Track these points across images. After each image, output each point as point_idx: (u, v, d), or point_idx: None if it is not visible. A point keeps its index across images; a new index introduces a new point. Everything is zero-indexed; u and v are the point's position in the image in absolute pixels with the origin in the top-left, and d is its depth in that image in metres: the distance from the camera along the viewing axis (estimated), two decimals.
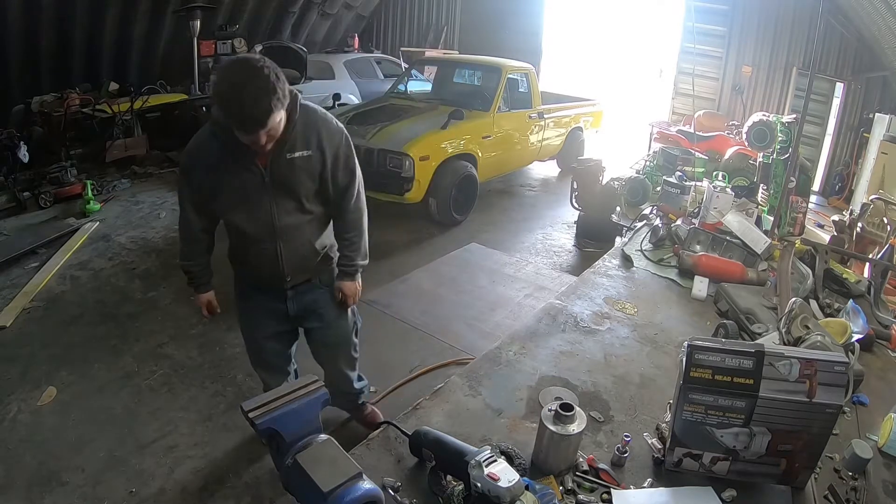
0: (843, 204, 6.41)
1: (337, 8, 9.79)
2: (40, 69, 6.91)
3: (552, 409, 1.08)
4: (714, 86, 8.23)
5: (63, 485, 2.12)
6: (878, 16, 5.38)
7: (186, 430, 2.44)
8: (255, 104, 1.42)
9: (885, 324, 1.79)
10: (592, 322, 1.72)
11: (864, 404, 1.41)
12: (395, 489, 1.03)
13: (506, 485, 0.90)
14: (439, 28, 10.40)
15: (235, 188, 1.67)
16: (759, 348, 1.01)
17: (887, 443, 1.23)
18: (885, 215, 3.66)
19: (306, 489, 0.88)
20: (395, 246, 4.60)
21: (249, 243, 1.79)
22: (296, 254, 1.83)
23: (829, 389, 0.99)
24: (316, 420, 0.98)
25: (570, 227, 5.12)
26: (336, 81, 7.52)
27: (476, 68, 6.25)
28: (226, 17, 8.61)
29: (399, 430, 1.15)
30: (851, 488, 1.12)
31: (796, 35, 7.44)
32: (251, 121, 1.44)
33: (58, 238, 4.29)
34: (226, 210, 1.74)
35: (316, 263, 1.91)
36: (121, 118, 6.08)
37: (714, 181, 2.77)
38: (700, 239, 2.28)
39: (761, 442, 1.04)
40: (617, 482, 1.08)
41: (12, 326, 3.15)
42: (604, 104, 7.69)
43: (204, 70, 8.12)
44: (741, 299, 1.78)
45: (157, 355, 2.97)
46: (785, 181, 2.59)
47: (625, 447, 1.14)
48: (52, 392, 2.62)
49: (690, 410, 1.04)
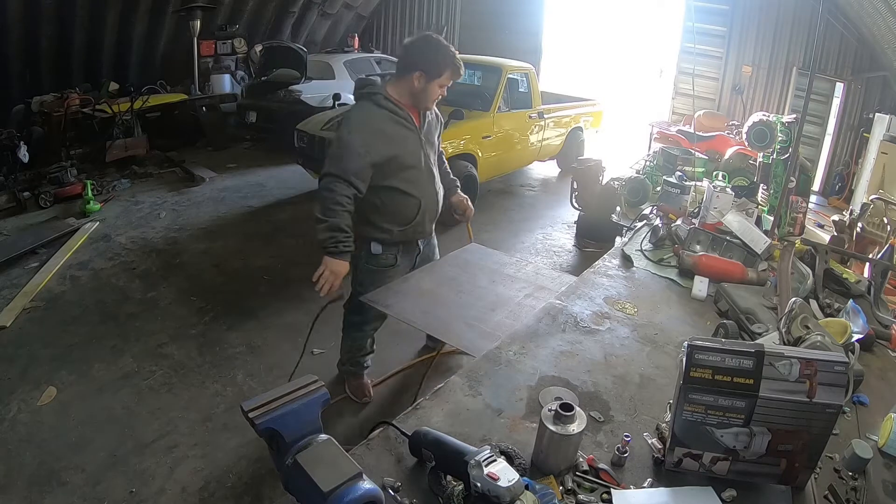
0: (843, 204, 6.41)
1: (337, 8, 9.79)
2: (40, 69, 6.90)
3: (552, 409, 1.08)
4: (714, 86, 8.23)
5: (63, 485, 2.12)
6: (878, 16, 5.38)
7: (186, 430, 2.44)
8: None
9: (885, 324, 1.79)
10: (592, 322, 1.72)
11: (864, 404, 1.41)
12: (395, 489, 1.03)
13: (506, 484, 0.90)
14: (439, 28, 10.40)
15: (406, 150, 2.10)
16: (759, 348, 1.01)
17: (887, 443, 1.23)
18: (885, 215, 3.66)
19: (306, 489, 0.88)
20: None
21: (406, 198, 2.15)
22: (436, 204, 2.29)
23: (829, 389, 0.99)
24: (316, 420, 0.98)
25: (570, 227, 5.12)
26: (336, 81, 7.51)
27: (476, 68, 6.24)
28: (226, 17, 8.61)
29: (399, 431, 1.15)
30: (851, 488, 1.12)
31: (796, 35, 7.44)
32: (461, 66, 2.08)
33: (58, 238, 4.29)
34: (396, 170, 2.09)
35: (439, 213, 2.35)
36: (121, 118, 6.08)
37: (714, 181, 2.77)
38: (700, 239, 2.28)
39: (761, 442, 1.04)
40: (617, 482, 1.08)
41: (12, 326, 3.15)
42: (604, 104, 7.68)
43: (204, 70, 8.12)
44: (741, 299, 1.78)
45: (157, 355, 2.97)
46: (785, 181, 2.59)
47: (625, 447, 1.14)
48: (52, 392, 2.63)
49: (690, 410, 1.04)
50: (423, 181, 2.19)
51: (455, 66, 2.05)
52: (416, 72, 2.03)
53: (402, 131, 2.09)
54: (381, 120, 2.05)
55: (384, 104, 2.06)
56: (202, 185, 5.87)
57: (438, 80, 2.05)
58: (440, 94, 2.11)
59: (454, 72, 2.07)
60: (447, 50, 2.05)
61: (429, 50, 2.03)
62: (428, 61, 2.03)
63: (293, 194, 5.81)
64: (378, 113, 2.06)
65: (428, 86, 2.05)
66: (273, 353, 3.04)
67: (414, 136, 2.12)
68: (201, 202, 5.40)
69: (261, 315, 3.42)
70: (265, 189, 5.92)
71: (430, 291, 2.04)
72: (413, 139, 2.12)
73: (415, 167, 2.15)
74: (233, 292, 3.70)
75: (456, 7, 10.20)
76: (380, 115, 2.05)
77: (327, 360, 3.00)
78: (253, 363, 2.95)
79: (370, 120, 2.05)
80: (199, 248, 4.37)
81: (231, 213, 5.20)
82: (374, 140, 2.02)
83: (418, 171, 2.16)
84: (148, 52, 7.91)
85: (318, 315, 2.12)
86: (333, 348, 3.12)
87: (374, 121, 2.05)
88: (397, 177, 2.11)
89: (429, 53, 2.03)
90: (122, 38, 7.47)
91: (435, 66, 2.03)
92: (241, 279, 3.90)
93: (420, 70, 2.03)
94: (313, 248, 2.03)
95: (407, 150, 2.11)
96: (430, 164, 2.23)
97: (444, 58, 2.03)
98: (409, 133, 2.10)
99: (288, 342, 3.15)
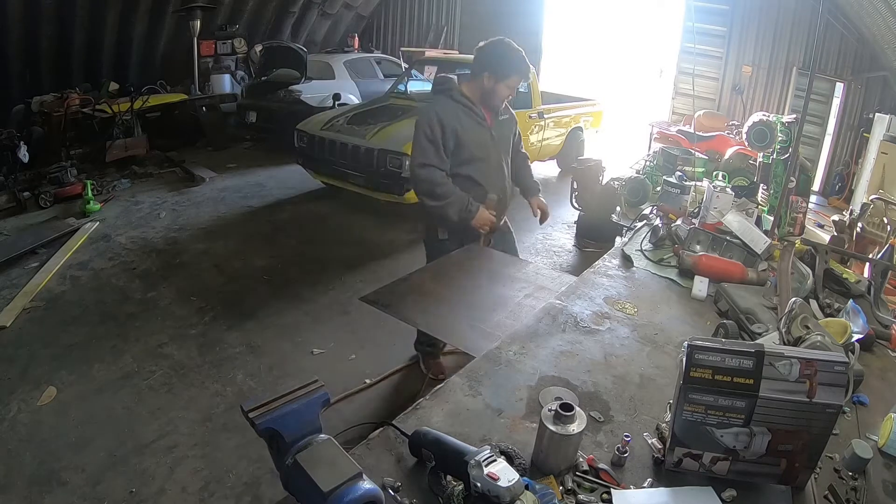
0: (843, 204, 6.41)
1: (337, 8, 9.79)
2: (40, 69, 6.91)
3: (552, 409, 1.08)
4: (714, 86, 8.23)
5: (63, 485, 2.12)
6: (878, 16, 5.38)
7: (186, 430, 2.44)
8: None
9: (885, 324, 1.78)
10: (592, 322, 1.72)
11: (864, 404, 1.41)
12: (395, 489, 1.03)
13: (506, 484, 0.90)
14: (439, 28, 10.41)
15: (475, 142, 2.27)
16: (759, 348, 1.01)
17: (887, 443, 1.23)
18: (885, 215, 3.66)
19: (306, 489, 0.88)
20: (395, 246, 4.60)
21: (474, 187, 2.29)
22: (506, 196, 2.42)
23: (829, 389, 0.99)
24: (316, 420, 0.98)
25: (570, 227, 5.12)
26: (336, 81, 7.52)
27: None
28: (226, 17, 8.62)
29: (399, 431, 1.15)
30: (851, 488, 1.12)
31: (796, 35, 7.44)
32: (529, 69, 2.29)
33: (58, 238, 4.29)
34: (466, 160, 2.28)
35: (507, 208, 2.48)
36: (121, 118, 6.08)
37: (714, 181, 2.77)
38: (700, 239, 2.27)
39: (761, 442, 1.03)
40: (617, 482, 1.08)
41: (12, 326, 3.15)
42: (604, 104, 7.68)
43: (204, 70, 8.13)
44: (741, 299, 1.78)
45: (157, 355, 2.97)
46: (785, 181, 2.59)
47: (625, 447, 1.14)
48: (52, 392, 2.62)
49: (690, 410, 1.04)
50: (491, 174, 2.36)
51: (521, 70, 2.24)
52: (486, 73, 2.22)
53: (473, 125, 2.27)
54: (455, 112, 2.25)
55: (458, 98, 2.27)
56: (202, 185, 5.87)
57: (506, 81, 2.24)
58: (509, 95, 2.30)
59: (521, 75, 2.27)
60: (516, 54, 2.22)
61: (498, 54, 2.22)
62: (496, 64, 2.21)
63: (293, 194, 5.81)
64: (452, 106, 2.26)
65: (496, 86, 2.24)
66: (273, 353, 3.04)
67: (484, 132, 2.30)
68: (201, 202, 5.41)
69: (261, 315, 3.42)
70: (265, 189, 5.92)
71: (431, 291, 2.04)
72: (483, 133, 2.30)
73: (483, 160, 2.32)
74: (233, 292, 3.70)
75: (456, 7, 10.20)
76: (454, 108, 2.26)
77: (327, 360, 3.01)
78: (253, 363, 2.95)
79: (445, 111, 2.25)
80: (199, 248, 4.37)
81: (231, 213, 5.20)
82: (446, 129, 2.22)
83: (487, 163, 2.33)
84: (148, 52, 7.91)
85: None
86: (333, 348, 3.12)
87: (448, 112, 2.24)
88: (467, 166, 2.30)
89: (498, 57, 2.21)
90: (122, 38, 7.48)
91: (503, 68, 2.21)
92: (241, 279, 3.90)
93: (489, 71, 2.22)
94: (314, 249, 2.03)
95: (476, 142, 2.29)
96: (500, 160, 2.40)
97: (511, 62, 2.21)
98: (479, 128, 2.29)
99: (288, 342, 3.15)
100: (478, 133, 2.28)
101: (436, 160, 2.23)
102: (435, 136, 2.21)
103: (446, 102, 2.28)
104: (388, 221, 5.07)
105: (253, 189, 5.88)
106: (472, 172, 2.31)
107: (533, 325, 1.68)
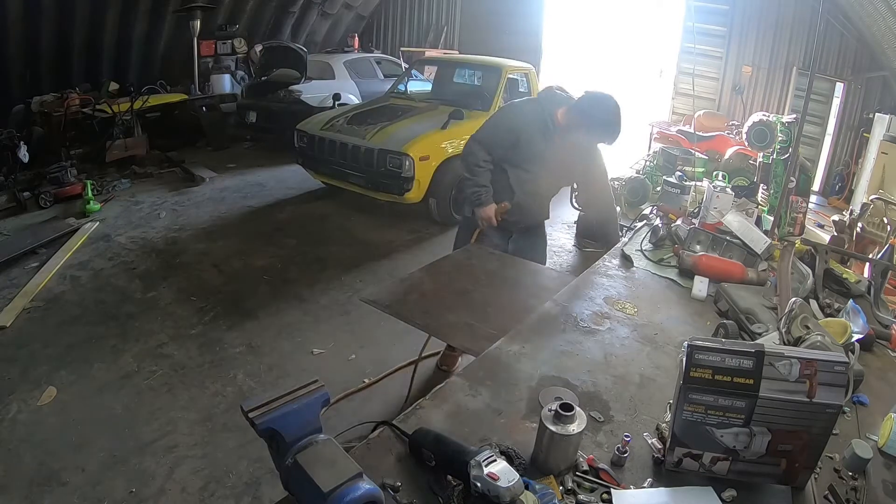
0: (843, 204, 6.41)
1: (337, 8, 9.79)
2: (40, 69, 6.91)
3: (552, 409, 1.08)
4: (714, 86, 8.23)
5: (63, 485, 2.12)
6: (878, 16, 5.38)
7: (186, 430, 2.44)
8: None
9: (885, 324, 1.78)
10: (592, 322, 1.72)
11: (864, 404, 1.41)
12: (395, 489, 1.03)
13: (506, 484, 0.90)
14: (439, 28, 10.40)
15: (531, 155, 2.39)
16: (759, 348, 1.01)
17: (887, 443, 1.23)
18: (885, 215, 3.67)
19: (306, 489, 0.88)
20: (395, 246, 4.61)
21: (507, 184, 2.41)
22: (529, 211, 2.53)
23: (829, 389, 0.99)
24: (316, 420, 0.98)
25: (570, 227, 5.12)
26: (336, 81, 7.52)
27: (476, 68, 6.25)
28: (226, 17, 8.62)
29: (399, 431, 1.15)
30: (851, 488, 1.12)
31: (796, 35, 7.44)
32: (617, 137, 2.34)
33: (58, 238, 4.29)
34: (514, 163, 2.41)
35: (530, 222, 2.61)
36: (121, 118, 6.08)
37: (714, 181, 2.77)
38: (700, 239, 2.27)
39: (761, 442, 1.03)
40: (617, 482, 1.08)
41: (12, 326, 3.15)
42: None
43: (204, 70, 8.12)
44: (741, 299, 1.78)
45: (157, 355, 2.97)
46: (785, 181, 2.59)
47: (625, 447, 1.14)
48: (52, 392, 2.62)
49: (690, 410, 1.04)
50: (529, 185, 2.44)
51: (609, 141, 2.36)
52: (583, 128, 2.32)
53: (539, 140, 2.38)
54: (533, 121, 2.38)
55: (545, 116, 2.38)
56: (202, 185, 5.87)
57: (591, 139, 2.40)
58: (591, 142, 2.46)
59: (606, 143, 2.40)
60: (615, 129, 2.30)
61: (602, 121, 2.29)
62: (595, 127, 2.32)
63: (293, 194, 5.81)
64: (536, 117, 2.39)
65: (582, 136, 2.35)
66: (273, 353, 3.04)
67: (548, 150, 2.38)
68: (201, 202, 5.40)
69: (261, 315, 3.42)
70: (265, 189, 5.92)
71: (431, 291, 2.04)
72: (544, 151, 2.38)
73: (528, 171, 2.42)
74: (233, 292, 3.70)
75: (456, 7, 10.20)
76: (535, 118, 2.39)
77: (327, 360, 3.01)
78: (253, 363, 2.95)
79: (522, 115, 2.44)
80: (199, 248, 4.37)
81: (231, 213, 5.20)
82: (509, 129, 2.38)
83: (531, 175, 2.42)
84: (148, 52, 7.91)
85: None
86: (333, 348, 3.12)
87: (527, 117, 2.40)
88: (510, 167, 2.42)
89: (600, 124, 2.30)
90: (122, 38, 7.48)
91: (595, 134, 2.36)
92: (241, 279, 3.90)
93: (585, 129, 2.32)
94: (314, 249, 2.03)
95: (531, 153, 2.39)
96: (549, 180, 2.51)
97: (606, 134, 2.33)
98: (545, 145, 2.37)
99: (288, 342, 3.15)
100: (539, 147, 2.38)
101: (490, 144, 2.38)
102: (503, 127, 2.40)
103: (535, 109, 2.42)
104: (388, 221, 5.07)
105: (253, 189, 5.88)
106: (511, 175, 2.42)
107: (533, 325, 1.68)
